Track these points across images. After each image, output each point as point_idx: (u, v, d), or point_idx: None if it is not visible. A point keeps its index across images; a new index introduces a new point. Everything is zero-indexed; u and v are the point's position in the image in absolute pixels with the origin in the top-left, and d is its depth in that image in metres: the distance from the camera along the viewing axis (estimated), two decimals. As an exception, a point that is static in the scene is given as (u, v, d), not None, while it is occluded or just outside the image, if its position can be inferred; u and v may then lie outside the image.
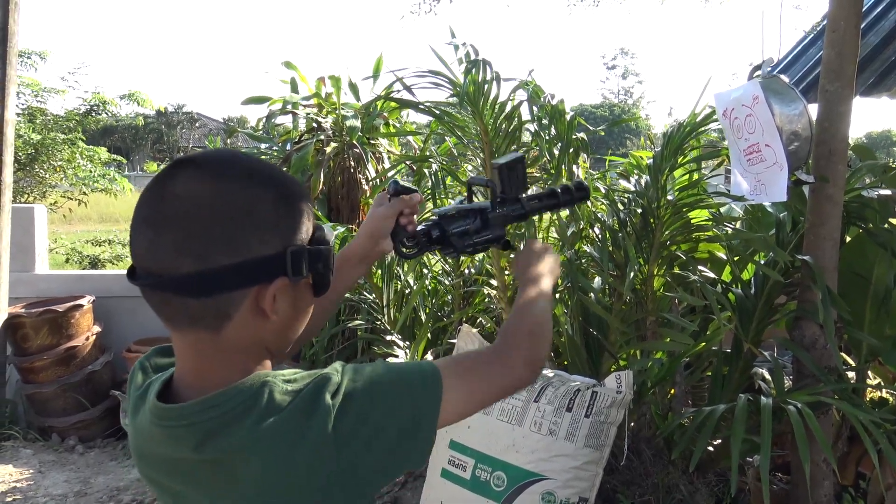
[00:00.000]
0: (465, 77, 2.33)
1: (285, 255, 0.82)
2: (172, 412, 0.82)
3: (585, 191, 1.37)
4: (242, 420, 0.79)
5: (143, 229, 0.80)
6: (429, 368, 0.90)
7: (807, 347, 2.44)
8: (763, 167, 2.36)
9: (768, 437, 2.06)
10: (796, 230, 2.64)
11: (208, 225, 0.78)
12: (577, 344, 2.62)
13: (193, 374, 0.85)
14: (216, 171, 0.81)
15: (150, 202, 0.81)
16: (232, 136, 5.27)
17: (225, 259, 0.78)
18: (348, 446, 0.80)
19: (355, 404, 0.82)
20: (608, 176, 3.36)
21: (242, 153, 0.88)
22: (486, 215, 1.24)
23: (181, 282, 0.78)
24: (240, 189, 0.80)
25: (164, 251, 0.78)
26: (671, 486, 2.57)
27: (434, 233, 1.22)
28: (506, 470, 2.17)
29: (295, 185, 0.87)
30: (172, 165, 0.83)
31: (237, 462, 0.79)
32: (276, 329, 0.86)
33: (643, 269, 2.51)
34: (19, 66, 10.48)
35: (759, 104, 2.28)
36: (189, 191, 0.79)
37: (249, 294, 0.81)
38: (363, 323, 3.44)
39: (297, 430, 0.79)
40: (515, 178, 1.26)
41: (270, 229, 0.81)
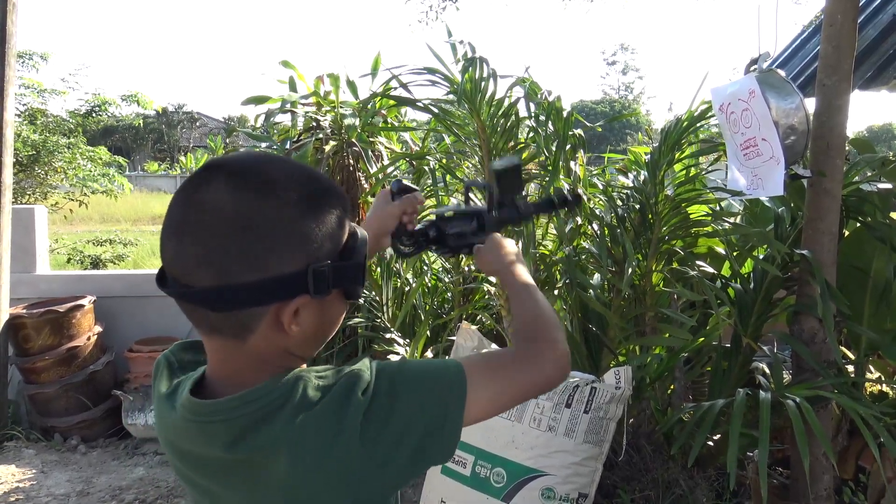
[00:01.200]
0: (462, 74, 2.33)
1: (307, 273, 0.80)
2: (207, 407, 0.81)
3: (580, 200, 1.39)
4: (276, 415, 0.79)
5: (170, 235, 0.80)
6: (454, 366, 0.89)
7: (806, 342, 2.45)
8: (760, 161, 2.36)
9: (767, 431, 2.07)
10: (795, 225, 2.63)
11: (228, 240, 0.77)
12: (577, 340, 2.62)
13: (224, 375, 0.86)
14: (242, 180, 0.79)
15: (178, 207, 0.80)
16: (231, 136, 5.27)
17: (244, 276, 0.77)
18: (378, 443, 0.80)
19: (384, 402, 0.82)
20: (607, 172, 3.36)
21: (276, 157, 0.85)
22: (483, 218, 1.26)
23: (201, 295, 0.78)
24: (263, 202, 0.78)
25: (186, 261, 0.78)
26: (671, 481, 2.57)
27: (431, 233, 1.24)
28: (505, 466, 2.18)
29: (328, 194, 0.84)
30: (203, 170, 0.82)
31: (269, 459, 0.79)
32: (301, 340, 0.85)
33: (642, 264, 2.51)
34: (21, 67, 10.51)
35: (755, 98, 2.28)
36: (213, 201, 0.78)
37: (270, 310, 0.80)
38: (363, 320, 3.45)
39: (330, 426, 0.79)
40: (512, 183, 1.27)
41: (292, 246, 0.79)
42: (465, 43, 2.38)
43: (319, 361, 4.12)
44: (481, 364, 0.94)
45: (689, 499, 2.53)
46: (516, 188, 1.28)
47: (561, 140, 2.42)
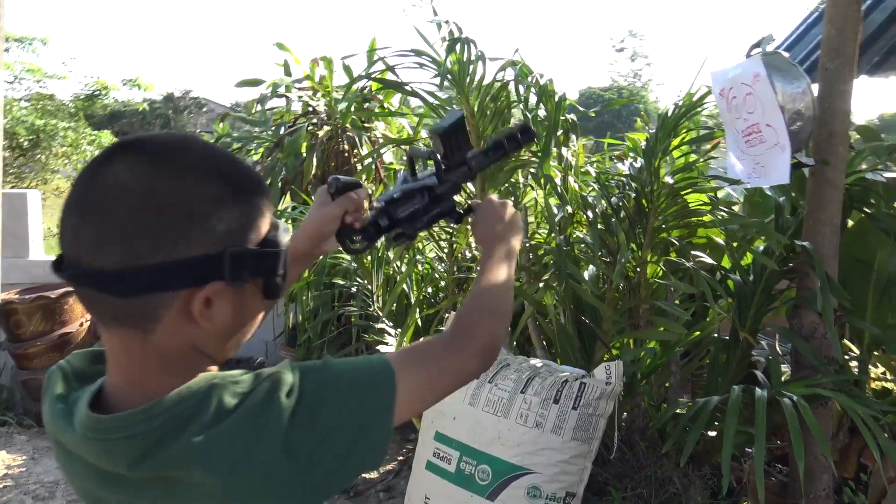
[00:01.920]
0: (446, 54, 2.24)
1: (223, 257, 0.73)
2: (108, 423, 0.73)
3: (531, 134, 1.28)
4: (187, 428, 0.71)
5: (69, 214, 0.73)
6: (379, 363, 0.83)
7: (805, 337, 2.36)
8: (763, 149, 2.27)
9: (763, 430, 1.99)
10: (796, 215, 2.54)
11: (133, 216, 0.70)
12: (569, 332, 2.54)
13: (128, 380, 0.77)
14: (154, 157, 0.73)
15: (80, 185, 0.73)
16: (224, 121, 5.19)
17: (149, 257, 0.70)
18: (301, 450, 0.73)
19: (306, 405, 0.75)
20: (607, 159, 3.27)
21: (196, 139, 0.78)
22: (434, 190, 1.16)
23: (101, 278, 0.71)
24: (175, 179, 0.72)
25: (85, 241, 0.71)
26: (665, 478, 2.50)
27: (382, 221, 1.13)
28: (491, 463, 2.11)
29: (248, 179, 0.78)
30: (112, 147, 0.75)
31: (182, 475, 0.72)
32: (214, 335, 0.78)
33: (636, 255, 2.43)
34: (21, 52, 10.48)
35: (760, 82, 2.19)
36: (119, 177, 0.71)
37: (179, 297, 0.73)
38: (356, 309, 3.38)
39: (248, 434, 0.72)
40: (458, 141, 1.17)
41: (206, 227, 0.72)
42: (451, 22, 2.28)
43: (313, 349, 4.06)
44: (409, 358, 0.87)
45: (682, 497, 2.46)
46: (464, 145, 1.18)
47: (552, 125, 2.33)
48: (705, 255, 2.62)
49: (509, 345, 2.61)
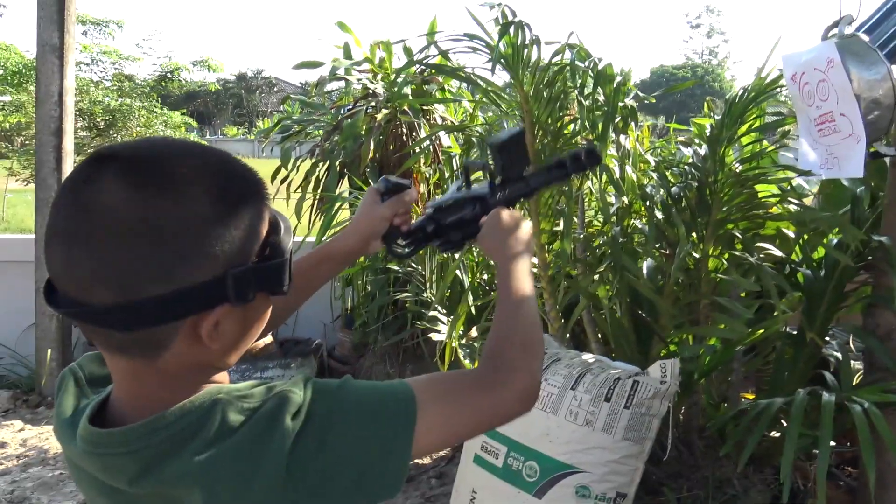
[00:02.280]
0: (499, 38, 2.16)
1: (226, 280, 0.68)
2: (107, 438, 0.71)
3: (596, 157, 1.21)
4: (188, 446, 0.68)
5: (56, 244, 0.67)
6: (402, 390, 0.77)
7: (881, 338, 2.22)
8: (837, 139, 2.11)
9: (828, 438, 1.88)
10: (874, 208, 2.38)
11: (127, 249, 0.65)
12: (625, 326, 2.45)
13: (132, 396, 0.74)
14: (139, 175, 0.67)
15: (63, 211, 0.67)
16: (287, 102, 5.22)
17: (150, 289, 0.65)
18: (306, 477, 0.69)
19: (315, 429, 0.71)
20: (672, 144, 3.14)
21: (180, 144, 0.73)
22: (486, 202, 1.12)
23: (101, 314, 0.66)
24: (169, 201, 0.66)
25: (79, 276, 0.66)
26: (723, 480, 2.40)
27: (429, 227, 1.11)
28: (539, 460, 2.06)
29: (244, 183, 0.72)
30: (92, 162, 0.68)
31: (181, 494, 0.69)
32: (223, 351, 0.74)
33: (697, 248, 2.32)
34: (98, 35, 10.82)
35: (833, 68, 2.03)
36: (105, 202, 0.65)
37: (185, 324, 0.69)
38: (411, 295, 3.36)
39: (250, 456, 0.68)
40: (515, 155, 1.12)
41: (206, 250, 0.67)
42: (503, 5, 2.20)
43: (369, 333, 4.08)
44: (435, 389, 0.81)
45: (742, 500, 2.36)
46: (522, 161, 1.13)
47: (610, 111, 2.22)
48: (773, 248, 2.48)
49: (562, 338, 2.54)
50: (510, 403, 0.85)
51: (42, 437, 3.79)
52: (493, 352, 0.90)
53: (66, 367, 0.85)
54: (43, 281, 3.85)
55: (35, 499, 3.12)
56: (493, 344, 0.92)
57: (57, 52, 4.06)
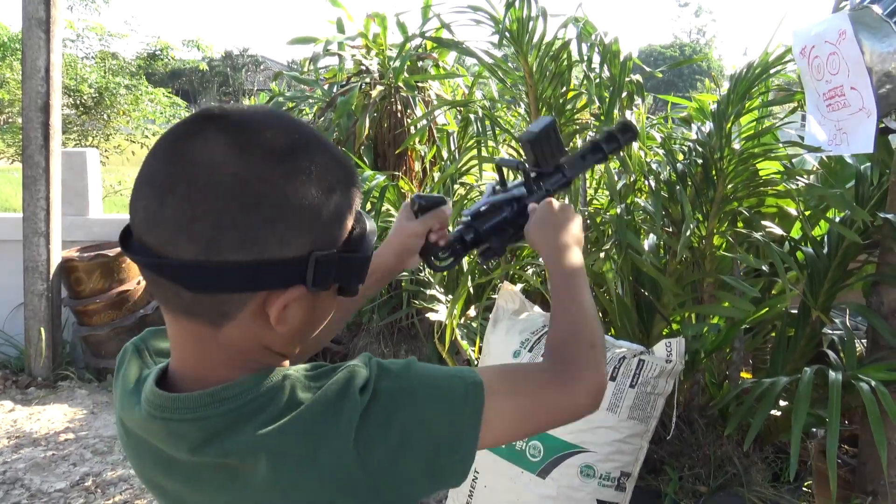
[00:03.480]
0: (505, 11, 2.11)
1: (308, 261, 0.67)
2: (176, 402, 0.69)
3: (633, 131, 1.18)
4: (256, 418, 0.67)
5: (145, 192, 0.65)
6: (472, 380, 0.74)
7: (885, 316, 2.20)
8: (846, 113, 2.09)
9: (837, 416, 1.87)
10: (880, 185, 2.36)
11: (221, 206, 0.63)
12: (627, 305, 2.43)
13: (194, 365, 0.72)
14: (245, 137, 0.65)
15: (161, 159, 0.66)
16: (278, 79, 5.15)
17: (234, 254, 0.64)
18: (373, 455, 0.67)
19: (384, 405, 0.69)
20: (670, 121, 3.10)
21: (286, 117, 0.70)
22: (523, 201, 1.10)
23: (177, 269, 0.64)
24: (269, 167, 0.64)
25: (164, 227, 0.64)
26: (724, 458, 2.40)
27: (468, 236, 1.08)
28: (543, 440, 2.04)
29: (345, 170, 0.71)
30: (199, 118, 0.67)
31: (246, 465, 0.67)
32: (285, 337, 0.72)
33: (702, 225, 2.29)
34: (83, 10, 10.65)
35: (845, 40, 2.00)
36: (211, 158, 0.64)
37: (256, 297, 0.67)
38: (407, 274, 3.33)
39: (319, 429, 0.66)
40: (550, 147, 1.10)
41: (297, 226, 0.65)
42: (510, -25, 2.15)
43: (364, 312, 4.04)
44: (505, 381, 0.78)
45: (743, 478, 2.36)
46: (557, 151, 1.11)
47: (616, 87, 2.18)
48: (774, 226, 2.46)
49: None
50: (581, 401, 0.83)
51: (33, 417, 3.75)
52: (560, 348, 0.88)
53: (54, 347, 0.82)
54: (31, 260, 3.81)
55: (27, 479, 3.09)
56: (559, 340, 0.89)
57: (43, 26, 3.96)
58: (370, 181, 2.71)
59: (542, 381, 0.82)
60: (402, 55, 3.33)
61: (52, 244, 4.24)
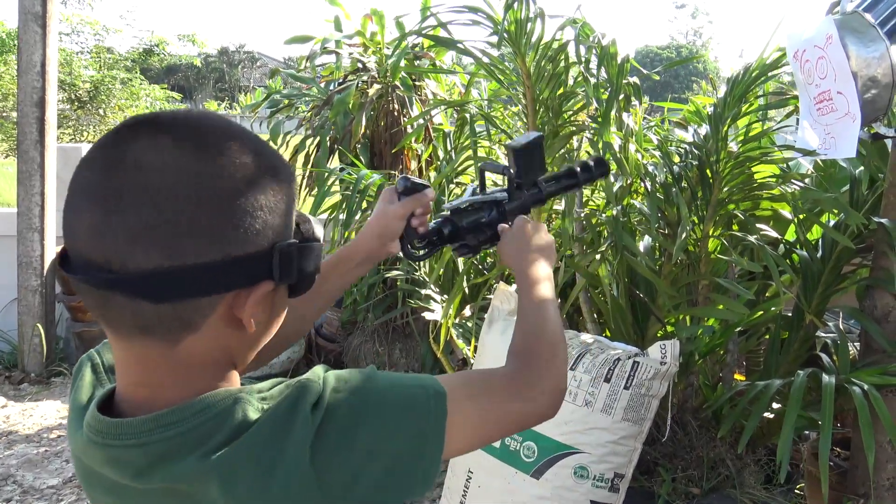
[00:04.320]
0: (504, 13, 2.11)
1: (272, 254, 0.65)
2: (119, 428, 0.66)
3: (605, 167, 1.26)
4: (204, 443, 0.64)
5: (85, 205, 0.61)
6: (432, 385, 0.74)
7: (878, 320, 2.21)
8: (834, 118, 2.09)
9: (829, 419, 1.87)
10: (874, 189, 2.37)
11: (180, 209, 0.60)
12: (622, 307, 2.44)
13: (141, 389, 0.68)
14: (191, 138, 0.63)
15: (97, 169, 0.61)
16: (274, 76, 5.14)
17: (199, 255, 0.61)
18: (330, 472, 0.65)
19: (342, 420, 0.67)
20: (666, 123, 3.11)
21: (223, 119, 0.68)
22: (503, 206, 1.14)
23: (136, 281, 0.60)
24: (223, 165, 0.62)
25: (114, 238, 0.60)
26: (717, 460, 2.41)
27: (446, 229, 1.11)
28: (537, 440, 2.04)
29: (283, 164, 0.70)
30: (134, 123, 0.64)
31: (197, 491, 0.65)
32: (249, 341, 0.70)
33: (697, 228, 2.30)
34: (76, 4, 10.60)
35: (832, 45, 2.01)
36: (159, 160, 0.60)
37: (223, 300, 0.65)
38: (402, 273, 3.33)
39: (269, 449, 0.64)
40: (532, 161, 1.15)
41: (258, 221, 0.64)
42: (506, -23, 2.15)
43: (359, 311, 4.04)
44: (466, 388, 0.78)
45: (735, 480, 2.37)
46: (539, 167, 1.16)
47: (614, 89, 2.19)
48: (769, 229, 2.48)
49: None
50: (541, 407, 0.85)
51: (26, 413, 3.74)
52: (522, 355, 0.89)
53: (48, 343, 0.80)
54: (25, 256, 3.80)
55: (20, 476, 3.08)
56: (520, 348, 0.91)
57: (39, 21, 3.94)
58: (366, 180, 2.71)
59: (504, 387, 0.83)
60: (399, 52, 3.33)
61: (46, 240, 4.23)
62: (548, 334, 0.92)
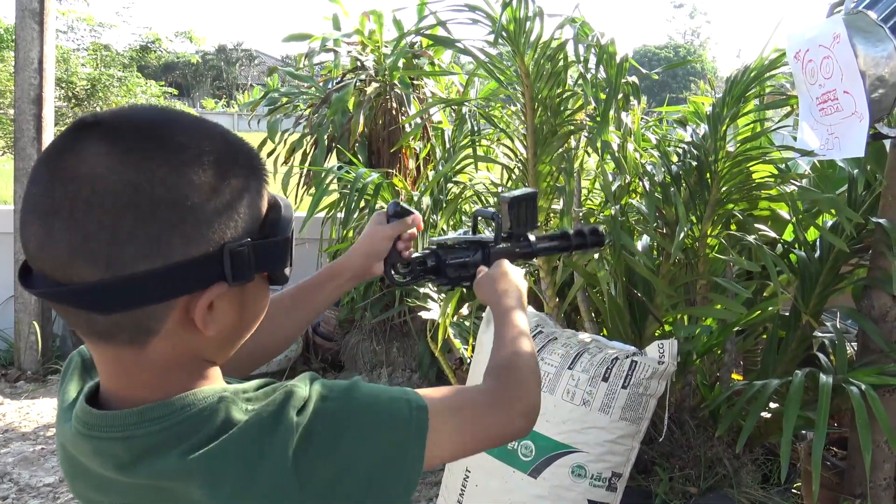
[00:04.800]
0: (502, 11, 2.11)
1: (222, 255, 0.64)
2: (105, 420, 0.67)
3: (600, 237, 1.29)
4: (187, 440, 0.64)
5: (32, 219, 0.61)
6: (415, 401, 0.74)
7: (875, 320, 2.22)
8: (839, 118, 2.09)
9: (825, 419, 1.88)
10: (871, 190, 2.37)
11: (116, 219, 0.59)
12: (620, 306, 2.44)
13: (119, 387, 0.69)
14: (127, 142, 0.61)
15: (41, 182, 0.61)
16: (273, 75, 5.14)
17: (140, 264, 0.60)
18: (313, 478, 0.66)
19: (323, 428, 0.67)
20: (664, 123, 3.11)
21: (170, 111, 0.67)
22: (488, 249, 1.17)
23: (82, 293, 0.60)
24: (164, 167, 0.61)
25: (57, 252, 0.60)
26: (715, 460, 2.41)
27: (430, 262, 1.14)
28: (534, 439, 2.04)
29: (243, 155, 0.68)
30: (73, 130, 0.63)
31: (178, 488, 0.65)
32: (218, 340, 0.70)
33: (695, 228, 2.30)
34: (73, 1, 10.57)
35: (839, 44, 2.01)
36: (92, 170, 0.59)
37: (177, 305, 0.64)
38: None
39: (254, 452, 0.64)
40: (525, 215, 1.19)
41: (203, 223, 0.62)
42: (508, -25, 2.15)
43: (356, 311, 4.04)
44: (446, 402, 0.80)
45: (733, 480, 2.37)
46: (530, 221, 1.19)
47: (612, 88, 2.19)
48: (767, 228, 2.48)
49: (557, 316, 2.52)
50: (517, 423, 0.87)
51: (22, 411, 3.73)
52: (499, 376, 0.92)
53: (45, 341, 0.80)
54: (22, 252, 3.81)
55: (16, 474, 3.07)
56: (495, 365, 0.94)
57: (37, 18, 3.93)
58: (364, 178, 2.71)
59: (483, 403, 0.86)
60: (398, 52, 3.33)
61: (43, 237, 4.21)
62: (521, 358, 0.95)
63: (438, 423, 0.74)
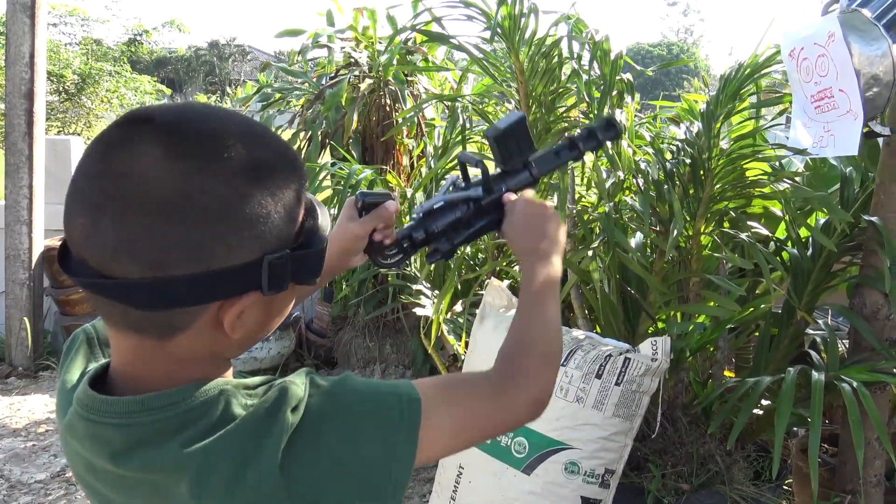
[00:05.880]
0: (497, 7, 2.10)
1: (261, 265, 0.64)
2: (105, 405, 0.66)
3: (616, 128, 1.12)
4: (185, 430, 0.64)
5: (79, 210, 0.61)
6: (407, 392, 0.73)
7: (867, 317, 2.23)
8: (834, 115, 2.10)
9: (818, 417, 1.88)
10: (864, 188, 2.38)
11: (163, 222, 0.60)
12: (614, 303, 2.44)
13: (134, 372, 0.70)
14: (179, 142, 0.61)
15: (92, 175, 0.61)
16: (265, 70, 5.12)
17: (182, 268, 0.61)
18: (300, 475, 0.65)
19: (312, 425, 0.67)
20: (658, 121, 3.11)
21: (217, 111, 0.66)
22: (479, 202, 1.04)
23: (121, 288, 0.61)
24: (211, 177, 0.61)
25: (103, 247, 0.60)
26: (707, 456, 2.41)
27: (417, 235, 1.02)
28: (528, 436, 2.04)
29: (284, 160, 0.67)
30: (126, 124, 0.63)
31: (168, 481, 0.65)
32: (240, 341, 0.70)
33: (689, 225, 2.30)
34: (65, -6, 10.50)
35: (834, 42, 2.01)
36: (144, 171, 0.60)
37: (210, 307, 0.65)
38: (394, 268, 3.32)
39: (244, 449, 0.64)
40: (517, 144, 1.04)
41: (244, 230, 0.63)
42: (503, -28, 2.14)
43: (350, 307, 4.04)
44: (443, 392, 0.77)
45: (725, 476, 2.38)
46: (526, 147, 1.04)
47: (607, 85, 2.19)
48: (760, 226, 2.48)
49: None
50: (521, 412, 0.83)
51: (13, 407, 3.71)
52: (511, 357, 0.87)
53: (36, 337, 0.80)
54: (13, 249, 3.76)
55: (7, 470, 3.06)
56: (511, 349, 0.88)
57: (28, 12, 3.91)
58: (357, 175, 2.70)
59: (482, 392, 0.81)
60: (392, 48, 3.31)
61: (34, 233, 4.20)
62: (541, 340, 0.88)
63: (433, 416, 0.72)
